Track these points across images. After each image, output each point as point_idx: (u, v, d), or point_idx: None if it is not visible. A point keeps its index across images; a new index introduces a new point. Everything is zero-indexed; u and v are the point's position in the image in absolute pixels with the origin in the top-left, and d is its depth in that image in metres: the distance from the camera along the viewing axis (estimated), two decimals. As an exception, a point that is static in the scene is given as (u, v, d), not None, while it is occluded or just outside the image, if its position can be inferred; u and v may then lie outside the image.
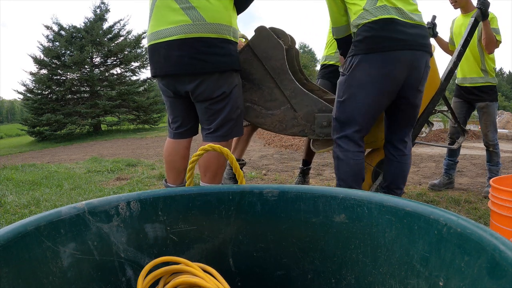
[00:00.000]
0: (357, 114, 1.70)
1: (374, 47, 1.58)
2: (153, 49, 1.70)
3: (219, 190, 0.75)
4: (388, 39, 1.57)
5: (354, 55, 1.66)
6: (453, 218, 0.51)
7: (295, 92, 1.97)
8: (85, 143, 10.93)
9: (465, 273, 0.45)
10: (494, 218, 1.54)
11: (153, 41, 1.70)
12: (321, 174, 3.64)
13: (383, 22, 1.57)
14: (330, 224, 0.68)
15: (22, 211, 2.45)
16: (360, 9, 1.60)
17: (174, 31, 1.61)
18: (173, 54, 1.63)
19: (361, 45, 1.62)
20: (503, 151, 4.50)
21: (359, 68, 1.64)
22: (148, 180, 3.44)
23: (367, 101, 1.67)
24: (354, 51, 1.66)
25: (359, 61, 1.63)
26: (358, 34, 1.65)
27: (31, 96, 15.83)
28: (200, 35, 1.60)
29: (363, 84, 1.65)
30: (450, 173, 2.97)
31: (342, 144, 1.74)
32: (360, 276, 0.63)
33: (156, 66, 1.72)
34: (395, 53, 1.59)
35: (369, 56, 1.61)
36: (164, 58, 1.65)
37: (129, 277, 0.65)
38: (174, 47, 1.62)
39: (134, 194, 0.70)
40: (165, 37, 1.63)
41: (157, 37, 1.67)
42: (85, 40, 15.93)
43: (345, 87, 1.69)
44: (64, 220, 0.59)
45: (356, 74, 1.65)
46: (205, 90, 1.68)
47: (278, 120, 2.03)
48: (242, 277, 0.74)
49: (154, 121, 16.91)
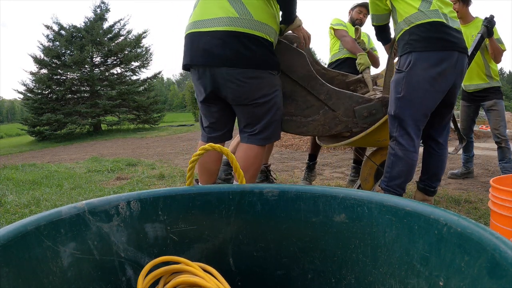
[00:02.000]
0: (418, 110, 1.75)
1: (431, 45, 1.67)
2: (193, 38, 1.64)
3: (219, 189, 0.75)
4: (442, 40, 1.67)
5: (411, 52, 1.70)
6: (453, 217, 0.51)
7: (329, 94, 1.98)
8: (85, 143, 10.93)
9: (465, 273, 0.45)
10: (494, 218, 1.54)
11: (193, 30, 1.64)
12: (321, 174, 3.64)
13: (437, 24, 1.67)
14: (330, 223, 0.68)
15: (22, 211, 2.45)
16: (415, 9, 1.69)
17: (219, 22, 1.57)
18: (216, 45, 1.57)
19: (418, 43, 1.69)
20: (503, 151, 4.50)
21: (417, 66, 1.70)
22: (148, 179, 3.44)
23: (426, 97, 1.73)
24: (410, 48, 1.71)
25: (416, 58, 1.69)
26: (412, 33, 1.70)
27: (31, 95, 15.84)
28: (247, 30, 1.57)
29: (422, 81, 1.70)
30: (468, 166, 3.24)
31: (403, 142, 1.77)
32: (360, 275, 0.63)
33: (194, 55, 1.65)
34: (449, 53, 1.68)
35: (426, 54, 1.68)
36: (205, 49, 1.60)
37: (129, 276, 0.65)
38: (218, 38, 1.57)
39: (134, 194, 0.70)
40: (209, 27, 1.59)
41: (199, 26, 1.62)
42: (85, 40, 15.93)
43: (404, 83, 1.73)
44: (64, 219, 0.59)
45: (415, 71, 1.70)
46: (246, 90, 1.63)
47: (321, 124, 2.05)
48: (242, 277, 0.74)
49: (154, 121, 16.92)
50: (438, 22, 1.67)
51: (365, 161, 2.47)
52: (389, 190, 1.81)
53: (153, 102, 16.98)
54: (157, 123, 17.14)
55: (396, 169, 1.78)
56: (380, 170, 2.37)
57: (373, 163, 2.39)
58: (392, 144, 1.82)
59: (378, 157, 2.42)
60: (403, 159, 1.77)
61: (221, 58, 1.58)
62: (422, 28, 1.68)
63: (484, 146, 5.06)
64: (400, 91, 1.75)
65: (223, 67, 1.59)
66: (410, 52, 1.71)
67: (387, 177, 1.83)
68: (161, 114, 17.56)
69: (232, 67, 1.59)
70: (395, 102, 1.78)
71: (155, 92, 18.56)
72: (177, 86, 73.87)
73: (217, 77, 1.63)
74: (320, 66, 2.51)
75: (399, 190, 1.82)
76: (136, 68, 17.54)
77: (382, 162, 2.40)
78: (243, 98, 1.66)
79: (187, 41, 1.69)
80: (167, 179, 3.46)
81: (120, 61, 17.01)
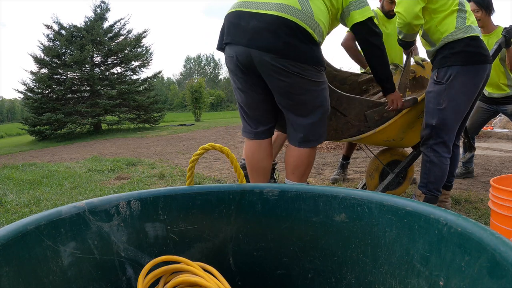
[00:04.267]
0: (455, 120, 1.86)
1: (470, 60, 1.79)
2: (242, 17, 1.56)
3: (220, 189, 0.75)
4: (478, 54, 1.79)
5: (451, 66, 1.80)
6: (453, 217, 0.51)
7: (340, 100, 1.99)
8: (85, 142, 10.92)
9: (466, 273, 0.45)
10: (494, 218, 1.54)
11: (244, 8, 1.56)
12: (321, 173, 3.64)
13: (474, 39, 1.79)
14: (331, 223, 0.67)
15: (23, 210, 2.45)
16: (453, 28, 1.80)
17: (280, 7, 1.52)
18: (268, 30, 1.50)
19: (457, 57, 1.79)
20: (503, 150, 4.50)
21: (457, 79, 1.80)
22: (148, 179, 3.44)
23: (464, 108, 1.87)
24: (451, 62, 1.81)
25: (457, 72, 1.79)
26: (452, 47, 1.81)
27: (32, 95, 15.82)
28: (303, 25, 1.52)
29: (461, 94, 1.82)
30: (467, 165, 3.23)
31: (439, 150, 1.87)
32: (361, 275, 0.63)
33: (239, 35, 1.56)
34: (484, 66, 1.82)
35: (465, 68, 1.79)
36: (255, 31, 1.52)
37: (129, 276, 0.65)
38: (272, 23, 1.50)
39: (134, 193, 0.70)
40: (266, 10, 1.52)
41: (251, 7, 1.55)
42: (85, 39, 15.91)
43: (445, 95, 1.83)
44: (64, 219, 0.59)
45: (455, 85, 1.80)
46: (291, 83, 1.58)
47: (334, 129, 2.06)
48: (242, 276, 0.74)
49: (154, 120, 16.89)
50: (475, 37, 1.79)
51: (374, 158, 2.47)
52: (430, 194, 1.93)
53: (153, 102, 16.96)
54: (157, 122, 17.11)
55: (433, 175, 1.89)
56: (386, 170, 2.37)
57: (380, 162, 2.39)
58: (427, 151, 1.91)
59: (387, 156, 2.42)
60: (438, 166, 1.88)
61: (270, 44, 1.51)
62: (462, 44, 1.79)
63: (484, 146, 5.06)
64: (442, 102, 1.84)
65: (269, 53, 1.52)
66: (450, 66, 1.81)
67: (425, 182, 1.93)
68: (161, 113, 17.52)
69: (281, 57, 1.53)
70: (437, 112, 1.86)
71: (155, 91, 18.49)
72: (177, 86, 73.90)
73: (257, 62, 1.56)
74: (332, 68, 2.51)
75: (437, 193, 1.94)
76: (136, 68, 17.51)
77: (389, 162, 2.40)
78: (288, 89, 1.60)
79: (233, 19, 1.59)
80: (167, 178, 3.46)
81: (120, 60, 16.99)
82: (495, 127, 6.96)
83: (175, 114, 35.05)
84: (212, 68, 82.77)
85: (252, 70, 1.61)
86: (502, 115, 9.24)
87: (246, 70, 1.62)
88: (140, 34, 17.52)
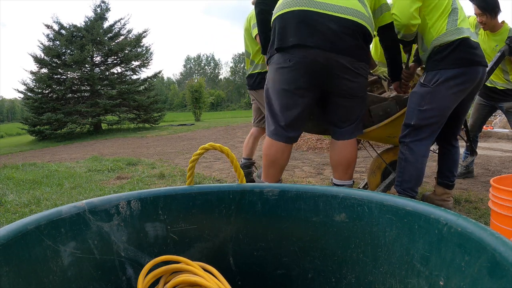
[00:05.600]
0: (435, 122, 1.85)
1: (457, 63, 1.76)
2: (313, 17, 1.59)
3: (220, 189, 0.75)
4: (466, 57, 1.77)
5: (440, 70, 1.80)
6: (453, 217, 0.51)
7: None
8: (85, 142, 10.93)
9: (466, 273, 0.45)
10: (494, 218, 1.54)
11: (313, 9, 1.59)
12: (321, 173, 3.64)
13: (464, 42, 1.76)
14: (331, 223, 0.67)
15: (23, 210, 2.45)
16: (443, 30, 1.78)
17: (353, 13, 1.61)
18: (346, 33, 1.59)
19: (445, 61, 1.78)
20: (503, 150, 4.50)
21: (444, 83, 1.79)
22: (148, 179, 3.44)
23: (447, 112, 1.85)
24: (439, 66, 1.80)
25: (445, 77, 1.78)
26: (441, 52, 1.79)
27: (32, 95, 15.82)
28: (370, 30, 1.67)
29: (446, 97, 1.81)
30: (467, 165, 3.22)
31: (414, 148, 1.86)
32: (361, 275, 0.63)
33: (318, 37, 1.58)
34: (473, 69, 1.79)
35: (452, 72, 1.77)
36: (336, 34, 1.58)
37: (129, 276, 0.65)
38: (351, 28, 1.59)
39: (134, 193, 0.70)
40: (343, 14, 1.59)
41: (325, 8, 1.59)
42: (85, 39, 15.91)
43: (429, 98, 1.83)
44: (64, 219, 0.59)
45: (441, 89, 1.79)
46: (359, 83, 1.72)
47: None
48: (242, 276, 0.74)
49: (154, 120, 16.89)
50: (464, 40, 1.76)
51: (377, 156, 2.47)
52: (403, 193, 1.90)
53: (153, 102, 16.96)
54: (157, 122, 17.11)
55: (407, 173, 1.87)
56: (388, 169, 2.37)
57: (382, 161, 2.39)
58: (403, 149, 1.89)
59: (391, 155, 2.42)
60: (413, 164, 1.85)
61: (347, 47, 1.60)
62: (450, 47, 1.77)
63: (484, 146, 5.06)
64: (423, 104, 1.84)
65: (347, 57, 1.62)
66: (439, 70, 1.80)
67: (399, 180, 1.90)
68: (161, 113, 17.53)
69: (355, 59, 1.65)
70: (416, 113, 1.86)
71: (155, 91, 18.48)
72: (177, 86, 73.92)
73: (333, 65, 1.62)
74: None
75: (412, 192, 1.90)
76: (137, 68, 17.51)
77: (392, 162, 2.40)
78: (355, 90, 1.73)
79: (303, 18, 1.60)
80: (168, 178, 3.46)
81: (121, 60, 16.99)
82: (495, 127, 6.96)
83: (175, 114, 35.05)
84: (212, 68, 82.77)
85: (320, 73, 1.66)
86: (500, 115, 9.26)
87: (314, 73, 1.66)
88: (140, 34, 17.52)
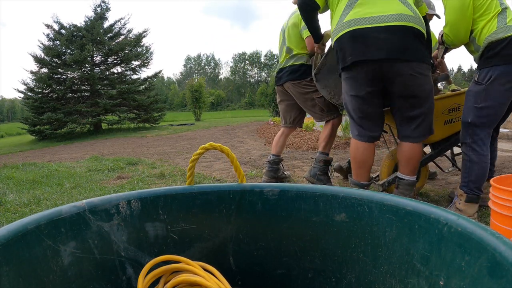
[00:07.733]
0: (492, 119, 1.90)
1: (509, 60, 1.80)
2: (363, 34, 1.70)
3: (220, 189, 0.75)
4: None
5: (492, 67, 1.83)
6: (453, 217, 0.51)
7: None
8: (85, 142, 10.93)
9: (466, 273, 0.45)
10: (494, 218, 1.54)
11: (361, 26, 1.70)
12: (321, 173, 3.64)
13: None
14: (331, 223, 0.67)
15: (23, 210, 2.45)
16: (493, 28, 1.84)
17: (400, 17, 1.67)
18: (400, 38, 1.66)
19: (498, 58, 1.82)
20: (503, 150, 4.50)
21: (497, 80, 1.83)
22: (148, 179, 3.44)
23: (503, 108, 1.90)
24: (492, 63, 1.84)
25: (496, 73, 1.82)
26: (493, 48, 1.83)
27: (32, 95, 15.82)
28: (419, 28, 1.70)
29: (500, 94, 1.85)
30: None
31: (477, 148, 1.90)
32: (361, 275, 0.63)
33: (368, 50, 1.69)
34: None
35: (506, 68, 1.81)
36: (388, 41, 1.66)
37: (129, 275, 0.65)
38: (400, 32, 1.66)
39: (134, 193, 0.70)
40: (385, 22, 1.67)
41: (372, 22, 1.69)
42: (85, 39, 15.91)
43: (484, 95, 1.87)
44: (64, 219, 0.59)
45: (495, 86, 1.83)
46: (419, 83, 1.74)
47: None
48: (242, 276, 0.74)
49: (154, 120, 16.89)
50: None
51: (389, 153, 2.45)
52: (471, 193, 1.95)
53: (154, 101, 16.95)
54: (158, 122, 17.11)
55: (473, 173, 1.92)
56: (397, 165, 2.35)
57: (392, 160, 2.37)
58: (466, 150, 1.94)
59: None
60: (478, 164, 1.91)
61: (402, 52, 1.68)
62: (502, 43, 1.81)
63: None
64: (479, 102, 1.89)
65: (405, 62, 1.69)
66: (492, 67, 1.84)
67: (465, 181, 1.95)
68: (161, 113, 17.53)
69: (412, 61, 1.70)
70: (473, 111, 1.90)
71: (155, 91, 18.49)
72: (177, 85, 73.94)
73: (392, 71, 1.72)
74: None
75: (479, 192, 1.95)
76: (137, 67, 17.51)
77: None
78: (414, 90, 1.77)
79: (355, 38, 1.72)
80: (168, 178, 3.46)
81: (121, 60, 16.99)
82: (495, 126, 6.94)
83: (175, 113, 35.03)
84: (212, 67, 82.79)
85: (379, 79, 1.77)
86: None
87: (374, 80, 1.79)
88: (140, 33, 17.51)
